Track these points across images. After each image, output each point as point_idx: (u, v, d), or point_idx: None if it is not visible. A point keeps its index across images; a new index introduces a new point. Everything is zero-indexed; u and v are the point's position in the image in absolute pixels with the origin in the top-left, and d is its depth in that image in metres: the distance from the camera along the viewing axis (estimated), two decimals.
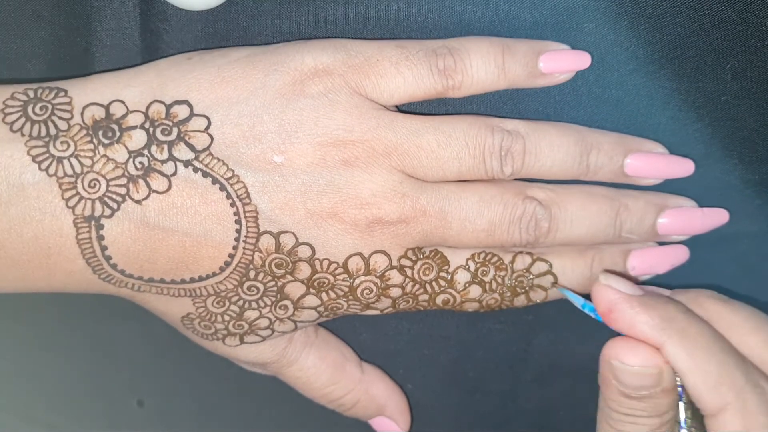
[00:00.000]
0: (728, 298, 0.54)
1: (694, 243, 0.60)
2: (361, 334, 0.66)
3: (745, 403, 0.49)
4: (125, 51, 0.58)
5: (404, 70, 0.54)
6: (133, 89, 0.53)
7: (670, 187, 0.58)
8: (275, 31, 0.57)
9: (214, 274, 0.54)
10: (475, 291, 0.57)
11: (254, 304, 0.55)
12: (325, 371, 0.62)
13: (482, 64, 0.54)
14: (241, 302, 0.55)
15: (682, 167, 0.58)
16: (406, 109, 0.57)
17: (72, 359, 0.71)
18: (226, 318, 0.56)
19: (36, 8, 0.57)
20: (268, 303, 0.55)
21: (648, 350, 0.50)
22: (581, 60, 0.56)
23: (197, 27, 0.57)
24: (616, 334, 0.61)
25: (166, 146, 0.52)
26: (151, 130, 0.52)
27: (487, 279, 0.57)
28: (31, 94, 0.52)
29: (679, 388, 0.50)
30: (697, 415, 0.51)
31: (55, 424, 0.73)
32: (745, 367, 0.50)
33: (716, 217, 0.59)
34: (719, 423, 0.49)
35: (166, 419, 0.72)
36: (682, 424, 0.50)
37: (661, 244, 0.60)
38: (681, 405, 0.50)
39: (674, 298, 0.53)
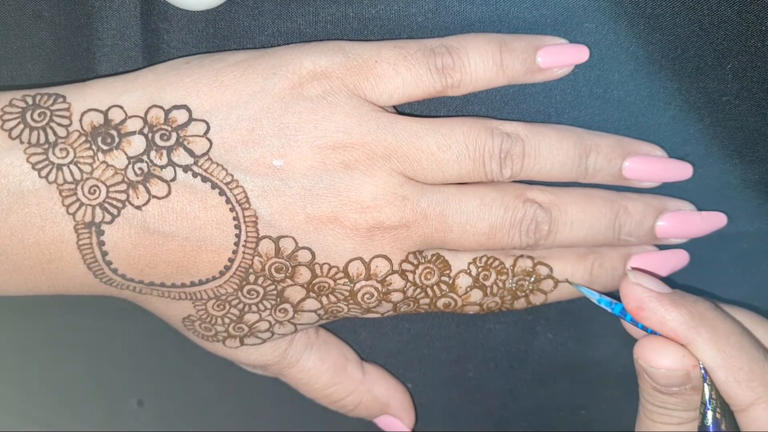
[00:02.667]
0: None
1: (694, 243, 0.60)
2: (361, 333, 0.66)
3: None
4: (126, 51, 0.58)
5: (402, 70, 0.54)
6: (131, 94, 0.53)
7: (670, 187, 0.58)
8: (276, 31, 0.57)
9: (214, 278, 0.54)
10: (476, 295, 0.57)
11: (254, 308, 0.55)
12: (326, 372, 0.62)
13: (480, 62, 0.54)
14: (241, 305, 0.55)
15: (681, 171, 0.58)
16: (406, 109, 0.58)
17: (72, 359, 0.71)
18: (226, 321, 0.56)
19: (36, 8, 0.57)
20: (268, 306, 0.55)
21: (675, 353, 0.51)
22: (579, 54, 0.56)
23: (198, 27, 0.57)
24: (617, 335, 0.62)
25: (165, 151, 0.52)
26: (150, 135, 0.52)
27: (488, 283, 0.57)
28: (30, 100, 0.52)
29: (702, 371, 0.51)
30: (725, 408, 0.51)
31: (55, 424, 0.73)
32: None
33: (715, 221, 0.59)
34: (751, 417, 0.50)
35: (166, 419, 0.72)
36: (707, 404, 0.51)
37: (661, 247, 0.60)
38: (705, 387, 0.51)
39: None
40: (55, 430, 0.73)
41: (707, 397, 0.51)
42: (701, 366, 0.51)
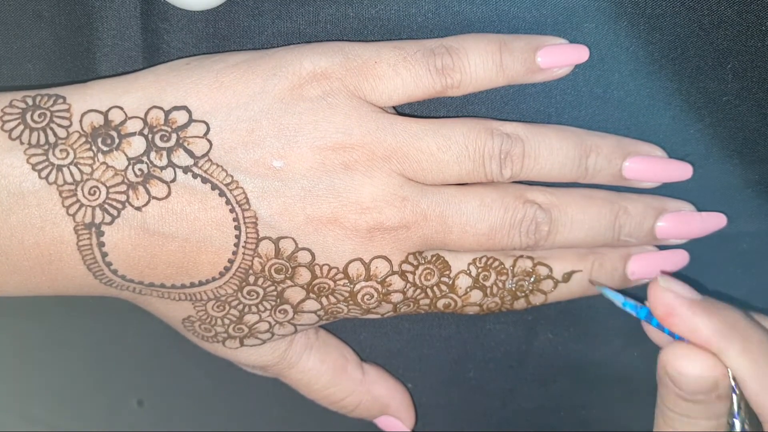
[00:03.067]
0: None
1: (694, 243, 0.60)
2: (361, 333, 0.66)
3: None
4: (126, 51, 0.58)
5: (402, 71, 0.54)
6: (131, 95, 0.53)
7: (670, 187, 0.58)
8: (276, 31, 0.57)
9: (214, 279, 0.54)
10: (476, 295, 0.57)
11: (254, 308, 0.55)
12: (325, 373, 0.62)
13: (480, 62, 0.54)
14: (241, 306, 0.55)
15: (681, 171, 0.58)
16: (406, 109, 0.58)
17: (72, 359, 0.71)
18: (226, 321, 0.56)
19: (36, 8, 0.57)
20: (268, 307, 0.56)
21: (706, 359, 0.51)
22: (579, 54, 0.56)
23: (198, 27, 0.57)
24: (617, 335, 0.62)
25: (165, 152, 0.52)
26: (150, 136, 0.52)
27: (488, 284, 0.57)
28: (30, 101, 0.52)
29: (732, 381, 0.50)
30: (753, 418, 0.51)
31: (55, 424, 0.73)
32: None
33: (715, 221, 0.59)
34: None
35: (166, 419, 0.72)
36: (735, 415, 0.51)
37: (661, 247, 0.60)
38: (734, 397, 0.51)
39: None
40: (55, 430, 0.73)
41: (736, 407, 0.51)
42: (731, 375, 0.50)
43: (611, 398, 0.68)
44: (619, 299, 0.55)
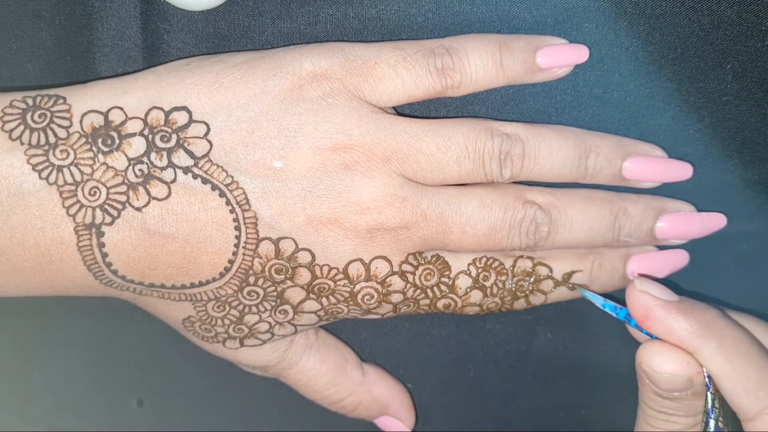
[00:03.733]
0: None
1: (694, 243, 0.60)
2: (361, 333, 0.66)
3: None
4: (126, 51, 0.58)
5: (402, 71, 0.54)
6: (131, 96, 0.53)
7: (670, 187, 0.58)
8: (276, 31, 0.57)
9: (214, 280, 0.54)
10: (476, 296, 0.57)
11: (254, 309, 0.55)
12: (325, 373, 0.62)
13: (480, 62, 0.54)
14: (241, 306, 0.55)
15: (681, 171, 0.58)
16: (406, 109, 0.58)
17: (72, 359, 0.71)
18: (227, 322, 0.56)
19: (36, 8, 0.57)
20: (268, 307, 0.56)
21: (679, 357, 0.51)
22: (579, 54, 0.55)
23: (198, 27, 0.57)
24: (617, 335, 0.62)
25: (165, 153, 0.52)
26: (150, 137, 0.52)
27: (488, 284, 0.57)
28: (30, 102, 0.52)
29: (706, 379, 0.51)
30: (729, 416, 0.51)
31: (55, 424, 0.73)
32: None
33: (714, 222, 0.59)
34: (759, 426, 0.50)
35: (166, 419, 0.72)
36: (710, 412, 0.51)
37: (661, 247, 0.60)
38: (708, 395, 0.51)
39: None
40: (55, 430, 0.73)
41: (710, 404, 0.51)
42: (705, 373, 0.51)
43: (611, 398, 0.68)
44: (599, 301, 0.56)
